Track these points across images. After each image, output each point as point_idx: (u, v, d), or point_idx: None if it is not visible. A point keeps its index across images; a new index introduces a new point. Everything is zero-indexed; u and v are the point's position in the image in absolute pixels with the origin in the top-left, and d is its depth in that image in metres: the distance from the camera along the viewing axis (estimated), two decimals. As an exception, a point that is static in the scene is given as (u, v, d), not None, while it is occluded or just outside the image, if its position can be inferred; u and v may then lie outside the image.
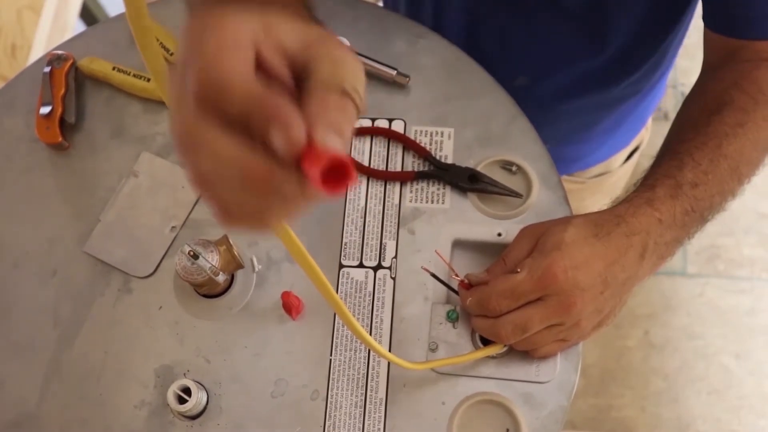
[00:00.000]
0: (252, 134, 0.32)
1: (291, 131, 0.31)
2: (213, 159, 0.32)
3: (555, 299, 0.56)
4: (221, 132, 0.31)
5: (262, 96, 0.31)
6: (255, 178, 0.31)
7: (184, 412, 0.62)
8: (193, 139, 0.32)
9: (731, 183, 0.63)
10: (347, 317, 0.50)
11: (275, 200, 0.32)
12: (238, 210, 0.33)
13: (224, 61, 0.31)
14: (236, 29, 0.33)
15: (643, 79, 0.85)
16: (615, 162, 1.03)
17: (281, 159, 0.31)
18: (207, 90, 0.31)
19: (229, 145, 0.31)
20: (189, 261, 0.62)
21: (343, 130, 0.33)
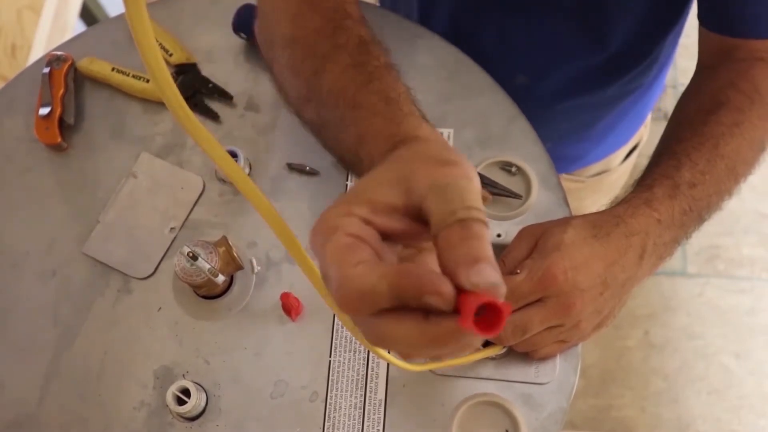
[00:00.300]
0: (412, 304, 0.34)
1: (442, 293, 0.32)
2: (399, 343, 0.34)
3: (555, 300, 0.56)
4: (391, 320, 0.34)
5: (400, 275, 0.33)
6: (436, 341, 0.33)
7: (183, 413, 0.62)
8: (375, 335, 0.35)
9: (728, 183, 0.63)
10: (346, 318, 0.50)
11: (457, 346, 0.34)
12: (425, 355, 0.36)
13: (353, 277, 0.34)
14: (344, 235, 0.35)
15: (642, 75, 0.85)
16: (614, 160, 1.03)
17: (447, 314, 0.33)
18: (355, 304, 0.34)
19: (405, 330, 0.33)
20: (188, 262, 0.62)
21: (479, 255, 0.33)
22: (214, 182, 0.72)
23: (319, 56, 0.56)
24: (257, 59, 0.76)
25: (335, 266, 0.34)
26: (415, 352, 0.34)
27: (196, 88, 0.75)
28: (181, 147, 0.74)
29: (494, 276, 0.33)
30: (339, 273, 0.34)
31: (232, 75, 0.76)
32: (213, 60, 0.77)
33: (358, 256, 0.34)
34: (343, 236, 0.35)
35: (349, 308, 0.34)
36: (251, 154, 0.72)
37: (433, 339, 0.33)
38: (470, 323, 0.31)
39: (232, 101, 0.75)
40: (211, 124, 0.74)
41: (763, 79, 0.65)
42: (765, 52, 0.67)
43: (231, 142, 0.73)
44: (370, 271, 0.34)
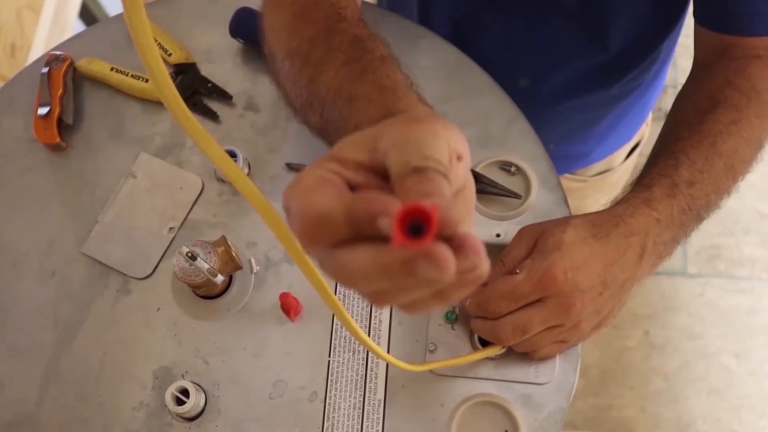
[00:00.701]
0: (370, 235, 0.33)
1: (392, 214, 0.31)
2: (355, 274, 0.33)
3: (555, 301, 0.56)
4: (346, 250, 0.33)
5: (355, 200, 0.33)
6: (389, 269, 0.32)
7: (182, 413, 0.62)
8: (333, 269, 0.34)
9: (726, 181, 0.63)
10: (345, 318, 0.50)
11: (419, 281, 0.33)
12: (391, 295, 0.34)
13: (313, 202, 0.33)
14: (313, 174, 0.35)
15: (643, 74, 0.85)
16: (616, 159, 1.03)
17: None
18: (312, 230, 0.33)
19: (359, 257, 0.32)
20: (187, 262, 0.61)
21: (431, 191, 0.33)
22: (213, 182, 0.72)
23: (314, 63, 0.56)
24: (256, 60, 0.76)
25: (297, 197, 0.34)
26: (371, 285, 0.33)
27: (195, 88, 0.75)
28: (180, 147, 0.74)
29: (445, 201, 0.32)
30: (299, 202, 0.34)
31: (231, 75, 0.76)
32: (212, 60, 0.77)
33: (321, 189, 0.34)
34: (310, 178, 0.35)
35: (307, 236, 0.34)
36: (250, 154, 0.72)
37: (385, 267, 0.31)
38: (399, 236, 0.30)
39: (232, 101, 0.75)
40: (210, 124, 0.74)
41: (760, 76, 0.65)
42: (761, 50, 0.66)
43: (230, 142, 0.73)
44: (328, 198, 0.34)
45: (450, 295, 0.34)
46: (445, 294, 0.34)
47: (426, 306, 0.35)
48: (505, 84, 0.73)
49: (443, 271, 0.30)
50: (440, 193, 0.33)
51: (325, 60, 0.56)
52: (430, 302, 0.35)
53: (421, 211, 0.30)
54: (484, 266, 0.33)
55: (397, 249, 0.30)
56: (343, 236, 0.33)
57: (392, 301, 0.35)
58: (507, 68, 0.75)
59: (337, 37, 0.56)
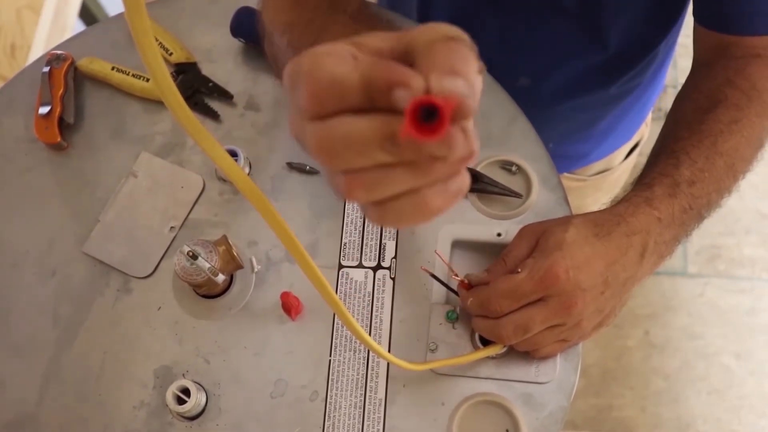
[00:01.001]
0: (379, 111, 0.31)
1: (411, 86, 0.29)
2: (352, 139, 0.30)
3: (556, 300, 0.56)
4: (351, 116, 0.31)
5: (373, 66, 0.30)
6: (393, 139, 0.30)
7: (183, 412, 0.62)
8: (328, 134, 0.31)
9: (727, 180, 0.63)
10: (346, 318, 0.50)
11: (421, 158, 0.31)
12: (374, 180, 0.32)
13: (326, 63, 0.31)
14: (326, 46, 0.32)
15: (643, 73, 0.85)
16: (616, 159, 1.03)
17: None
18: (322, 95, 0.31)
19: (363, 123, 0.30)
20: (188, 261, 0.61)
21: (458, 69, 0.30)
22: (214, 181, 0.72)
23: (317, 27, 0.55)
24: (257, 59, 0.76)
25: (311, 60, 0.31)
26: (363, 157, 0.30)
27: (195, 88, 0.75)
28: (181, 146, 0.74)
29: (466, 89, 0.30)
30: (313, 63, 0.31)
31: (232, 74, 0.76)
32: (213, 59, 0.77)
33: (337, 54, 0.31)
34: (325, 47, 0.32)
35: (315, 100, 0.31)
36: (251, 153, 0.72)
37: (389, 136, 0.29)
38: (409, 124, 0.28)
39: (232, 100, 0.75)
40: (211, 124, 0.74)
41: (760, 76, 0.65)
42: (761, 49, 0.66)
43: (231, 141, 0.73)
44: (343, 61, 0.31)
45: (430, 199, 0.32)
46: (424, 198, 0.32)
47: (399, 212, 0.32)
48: (505, 83, 0.73)
49: (452, 148, 0.29)
50: (466, 74, 0.30)
51: (329, 22, 0.55)
52: (407, 206, 0.32)
53: (434, 103, 0.28)
54: (466, 171, 0.31)
55: (405, 131, 0.29)
56: (353, 104, 0.31)
57: (371, 190, 0.32)
58: (506, 68, 0.75)
59: (343, 3, 0.56)
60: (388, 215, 0.33)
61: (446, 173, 0.31)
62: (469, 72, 0.31)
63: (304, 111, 0.31)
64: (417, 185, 0.31)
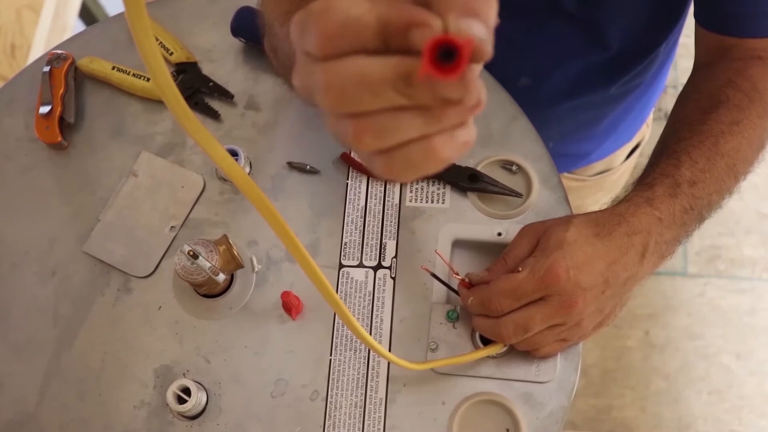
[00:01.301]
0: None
1: (430, 25, 0.28)
2: (367, 80, 0.30)
3: (557, 299, 0.56)
4: (364, 57, 0.30)
5: (390, 7, 0.29)
6: (406, 79, 0.29)
7: (183, 412, 0.62)
8: (338, 73, 0.30)
9: (728, 181, 0.63)
10: (347, 317, 0.50)
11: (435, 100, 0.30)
12: (383, 125, 0.31)
13: (340, 3, 0.30)
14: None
15: (644, 73, 0.85)
16: (616, 159, 1.03)
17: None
18: (336, 35, 0.30)
19: (377, 62, 0.29)
20: (189, 261, 0.61)
21: (477, 9, 0.29)
22: (215, 181, 0.72)
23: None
24: (258, 58, 0.76)
25: (320, 2, 0.30)
26: (376, 99, 0.30)
27: (196, 87, 0.75)
28: (181, 146, 0.74)
29: (484, 32, 0.29)
30: (324, 4, 0.30)
31: (232, 74, 0.76)
32: (213, 59, 0.77)
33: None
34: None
35: (327, 41, 0.30)
36: (252, 153, 0.72)
37: (404, 74, 0.29)
38: (427, 63, 0.28)
39: (233, 100, 0.75)
40: (212, 123, 0.74)
41: (761, 77, 0.65)
42: (762, 51, 0.66)
43: (231, 141, 0.73)
44: (358, 2, 0.30)
45: (440, 147, 0.31)
46: (434, 146, 0.31)
47: (407, 160, 0.32)
48: (506, 83, 0.73)
49: (468, 90, 0.28)
50: (485, 15, 0.29)
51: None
52: (416, 154, 0.31)
53: (454, 42, 0.28)
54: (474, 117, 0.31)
55: (423, 70, 0.28)
56: (367, 46, 0.30)
57: (381, 136, 0.31)
58: (507, 67, 0.75)
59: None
60: (396, 164, 0.32)
61: (457, 120, 0.31)
62: (488, 13, 0.30)
63: (316, 52, 0.30)
64: (428, 131, 0.31)
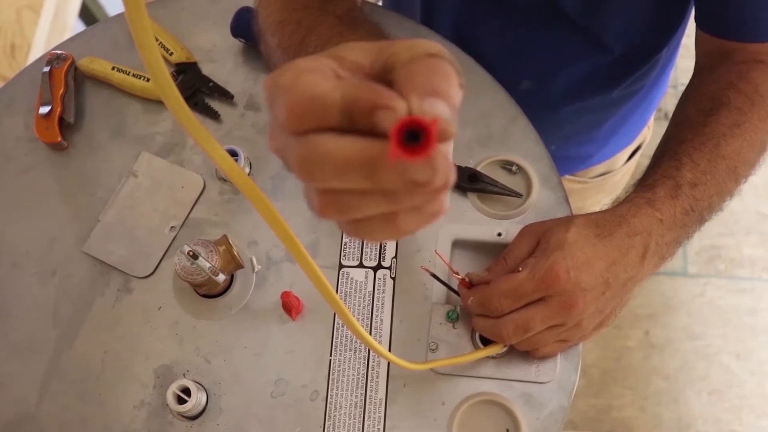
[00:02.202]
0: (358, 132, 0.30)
1: (395, 108, 0.28)
2: (331, 160, 0.30)
3: (557, 300, 0.56)
4: (332, 135, 0.30)
5: (356, 87, 0.30)
6: (374, 162, 0.29)
7: (183, 412, 0.62)
8: (305, 154, 0.31)
9: (729, 183, 0.63)
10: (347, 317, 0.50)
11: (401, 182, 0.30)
12: (349, 202, 0.32)
13: (306, 79, 0.31)
14: (307, 61, 0.32)
15: (646, 77, 0.85)
16: (618, 161, 1.03)
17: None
18: (300, 112, 0.30)
19: (344, 144, 0.30)
20: (188, 261, 0.61)
21: (440, 90, 0.30)
22: (215, 181, 0.72)
23: (306, 26, 0.56)
24: (257, 59, 0.76)
25: (291, 75, 0.31)
26: (341, 179, 0.30)
27: (196, 88, 0.75)
28: (181, 146, 0.74)
29: (448, 112, 0.29)
30: (293, 79, 0.31)
31: (232, 74, 0.76)
32: (213, 59, 0.77)
33: (318, 72, 0.31)
34: (306, 62, 0.32)
35: (294, 117, 0.30)
36: (251, 153, 0.72)
37: (370, 159, 0.29)
38: (395, 145, 0.28)
39: (233, 100, 0.75)
40: (212, 123, 0.74)
41: (763, 81, 0.65)
42: (764, 55, 0.67)
43: (231, 141, 0.73)
44: (324, 80, 0.31)
45: (404, 223, 0.32)
46: (397, 221, 0.32)
47: (371, 230, 0.32)
48: (507, 86, 0.73)
49: (436, 171, 0.28)
50: (448, 95, 0.30)
51: (318, 22, 0.56)
52: (379, 226, 0.32)
53: (420, 124, 0.28)
54: (446, 191, 0.31)
55: (393, 153, 0.28)
56: (333, 123, 0.30)
57: (344, 212, 0.31)
58: (509, 70, 0.75)
59: (332, 5, 0.57)
60: (361, 232, 0.33)
61: (422, 201, 0.31)
62: (450, 93, 0.30)
63: (284, 126, 0.31)
64: (392, 209, 0.31)
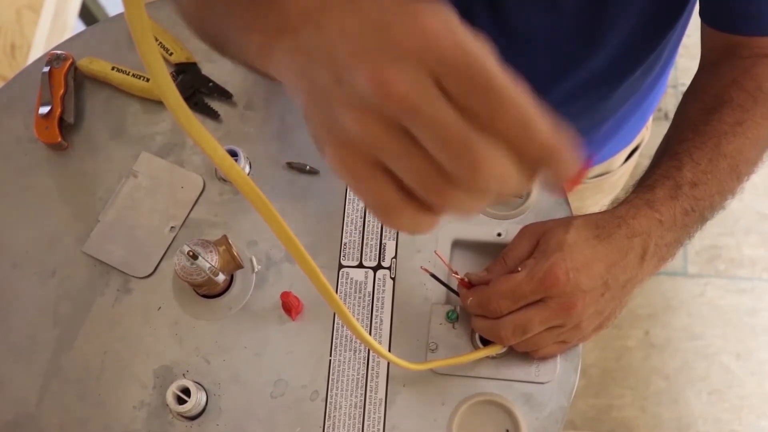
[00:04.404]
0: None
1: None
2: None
3: (556, 301, 0.56)
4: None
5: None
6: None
7: (183, 412, 0.62)
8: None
9: (731, 182, 0.62)
10: (347, 317, 0.50)
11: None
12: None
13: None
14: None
15: (645, 77, 0.85)
16: (616, 162, 1.03)
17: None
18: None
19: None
20: (188, 261, 0.61)
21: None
22: (215, 181, 0.72)
23: None
24: (257, 58, 0.76)
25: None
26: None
27: (195, 88, 0.75)
28: (181, 146, 0.74)
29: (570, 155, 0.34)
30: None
31: (232, 74, 0.76)
32: (213, 59, 0.77)
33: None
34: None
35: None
36: (251, 153, 0.72)
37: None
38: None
39: (232, 100, 0.75)
40: (212, 124, 0.74)
41: (766, 77, 0.65)
42: None
43: (231, 141, 0.73)
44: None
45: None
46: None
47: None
48: None
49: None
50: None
51: None
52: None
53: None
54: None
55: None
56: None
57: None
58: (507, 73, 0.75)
59: None
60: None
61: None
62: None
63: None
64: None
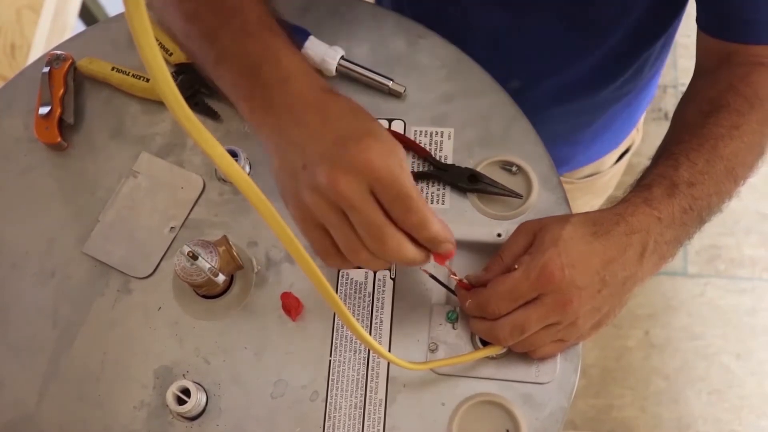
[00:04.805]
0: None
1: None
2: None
3: (551, 298, 0.56)
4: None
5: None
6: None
7: (183, 413, 0.62)
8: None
9: (727, 184, 0.63)
10: (347, 318, 0.50)
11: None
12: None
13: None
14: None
15: (634, 80, 0.85)
16: (605, 163, 1.03)
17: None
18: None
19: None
20: (188, 262, 0.61)
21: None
22: (215, 182, 0.72)
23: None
24: (257, 59, 0.76)
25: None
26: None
27: (196, 88, 0.75)
28: (181, 146, 0.74)
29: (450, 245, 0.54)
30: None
31: (232, 74, 0.76)
32: (213, 59, 0.77)
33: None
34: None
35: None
36: (251, 153, 0.72)
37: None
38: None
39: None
40: (212, 124, 0.74)
41: (762, 84, 0.65)
42: (765, 58, 0.67)
43: (231, 141, 0.73)
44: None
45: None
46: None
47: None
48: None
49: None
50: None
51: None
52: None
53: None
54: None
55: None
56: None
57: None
58: (497, 69, 0.75)
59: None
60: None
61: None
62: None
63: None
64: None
